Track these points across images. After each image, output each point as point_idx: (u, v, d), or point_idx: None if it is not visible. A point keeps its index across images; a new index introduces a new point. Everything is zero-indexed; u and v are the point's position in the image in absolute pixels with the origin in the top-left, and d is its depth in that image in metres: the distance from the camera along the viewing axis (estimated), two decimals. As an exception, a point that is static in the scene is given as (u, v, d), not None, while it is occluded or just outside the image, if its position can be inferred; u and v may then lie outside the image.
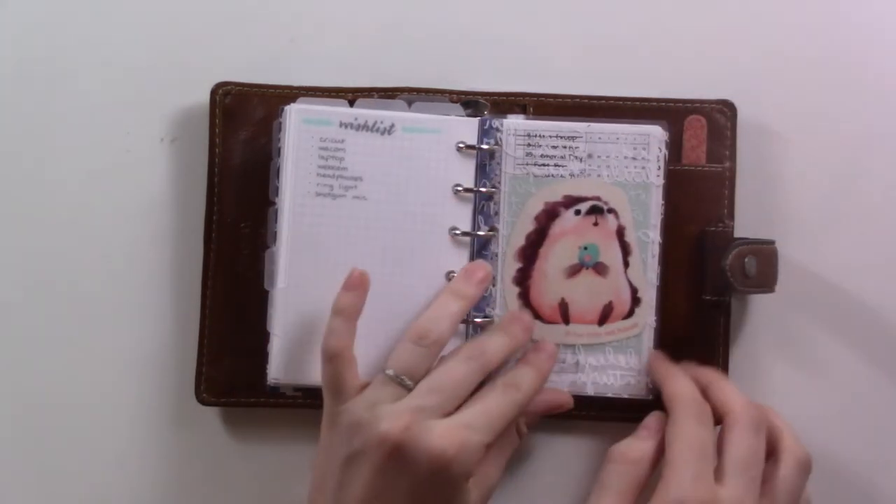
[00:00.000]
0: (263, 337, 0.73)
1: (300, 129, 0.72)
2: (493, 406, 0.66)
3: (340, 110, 0.73)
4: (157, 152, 0.78)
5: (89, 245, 0.77)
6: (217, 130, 0.76)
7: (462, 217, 0.74)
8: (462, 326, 0.73)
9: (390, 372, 0.67)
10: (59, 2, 0.79)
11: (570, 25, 0.79)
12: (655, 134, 0.74)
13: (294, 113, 0.73)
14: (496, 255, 0.74)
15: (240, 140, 0.75)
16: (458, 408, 0.66)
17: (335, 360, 0.67)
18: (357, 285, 0.68)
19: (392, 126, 0.73)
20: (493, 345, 0.69)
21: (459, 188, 0.74)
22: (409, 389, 0.66)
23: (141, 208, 0.77)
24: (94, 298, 0.77)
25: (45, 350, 0.77)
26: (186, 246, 0.77)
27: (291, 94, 0.75)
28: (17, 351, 0.77)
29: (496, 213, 0.74)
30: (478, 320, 0.73)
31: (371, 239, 0.73)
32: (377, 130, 0.73)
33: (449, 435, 0.64)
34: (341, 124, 0.72)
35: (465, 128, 0.74)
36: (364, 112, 0.73)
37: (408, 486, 0.64)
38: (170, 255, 0.77)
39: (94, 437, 0.77)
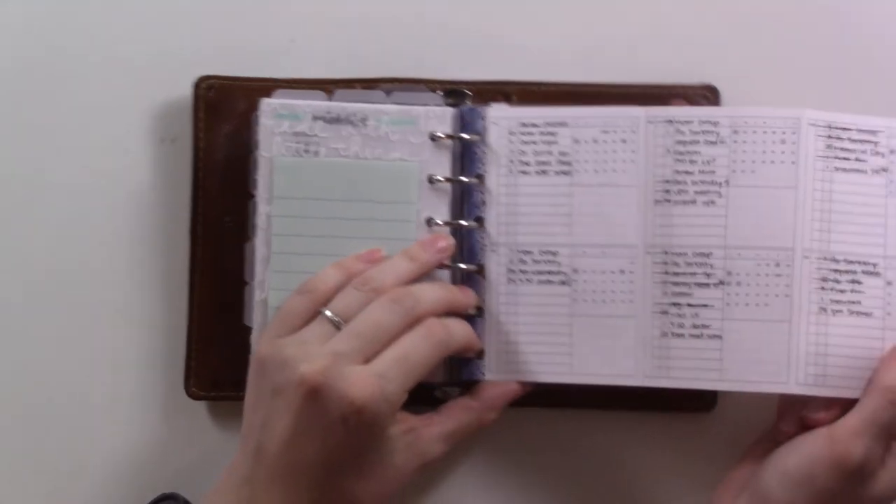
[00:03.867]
0: (250, 330, 0.73)
1: (273, 123, 0.72)
2: (411, 351, 0.67)
3: (313, 104, 0.73)
4: (142, 146, 0.79)
5: (76, 241, 0.78)
6: (200, 124, 0.76)
7: (439, 208, 0.73)
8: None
9: (327, 312, 0.67)
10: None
11: (554, 13, 0.78)
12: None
13: (266, 107, 0.73)
14: (485, 246, 0.73)
15: (223, 133, 0.76)
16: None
17: None
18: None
19: (365, 118, 0.72)
20: (425, 291, 0.69)
21: (435, 179, 0.72)
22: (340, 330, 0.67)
23: (128, 203, 0.78)
24: (83, 294, 0.78)
25: (35, 345, 0.78)
26: (174, 240, 0.77)
27: (274, 86, 0.75)
28: (7, 346, 0.79)
29: (484, 203, 0.73)
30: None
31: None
32: (350, 123, 0.72)
33: (360, 383, 0.64)
34: (314, 118, 0.72)
35: (440, 118, 0.73)
36: (336, 105, 0.73)
37: (321, 431, 0.64)
38: (158, 249, 0.78)
39: (84, 430, 0.78)
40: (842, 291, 0.69)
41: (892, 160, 0.70)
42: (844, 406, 0.68)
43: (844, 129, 0.69)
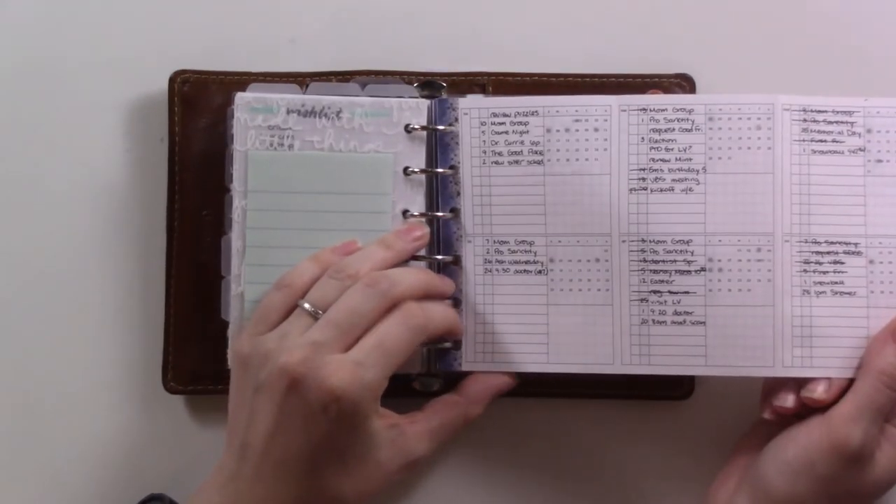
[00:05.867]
0: (226, 324, 0.73)
1: (247, 116, 0.72)
2: (387, 337, 0.66)
3: (287, 97, 0.73)
4: (118, 140, 0.79)
5: (52, 237, 0.78)
6: (176, 118, 0.76)
7: (414, 199, 0.73)
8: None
9: (305, 304, 0.67)
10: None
11: (529, 4, 0.79)
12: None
13: (240, 101, 0.73)
14: (460, 237, 0.73)
15: (199, 127, 0.76)
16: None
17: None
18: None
19: (339, 111, 0.72)
20: (401, 274, 0.69)
21: (410, 170, 0.72)
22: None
23: (105, 198, 0.78)
24: (60, 290, 0.78)
25: (10, 340, 0.79)
26: (152, 235, 0.77)
27: (248, 79, 0.76)
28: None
29: (458, 194, 0.73)
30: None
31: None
32: (324, 116, 0.72)
33: (339, 372, 0.64)
34: (288, 111, 0.72)
35: (415, 109, 0.73)
36: (310, 98, 0.73)
37: (304, 423, 0.64)
38: (136, 244, 0.78)
39: (61, 426, 0.78)
40: (824, 273, 0.69)
41: (869, 139, 0.70)
42: (843, 388, 0.68)
43: (820, 111, 0.70)
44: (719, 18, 0.78)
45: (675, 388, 0.76)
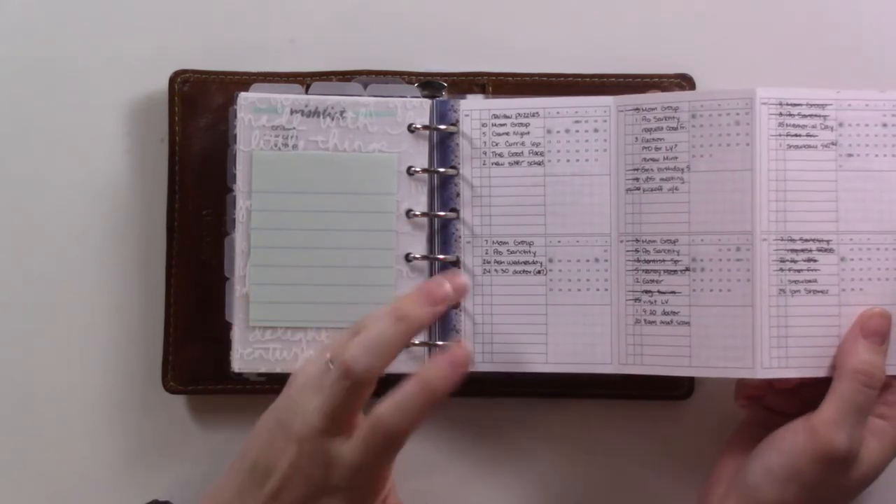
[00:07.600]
0: (227, 324, 0.73)
1: (251, 116, 0.72)
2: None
3: (290, 97, 0.73)
4: (118, 140, 0.79)
5: (52, 237, 0.78)
6: (176, 118, 0.76)
7: (417, 199, 0.73)
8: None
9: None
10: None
11: (530, 5, 0.79)
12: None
13: (244, 101, 0.73)
14: (459, 238, 0.73)
15: (199, 127, 0.76)
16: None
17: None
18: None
19: (343, 111, 0.73)
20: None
21: (414, 170, 0.73)
22: None
23: (105, 198, 0.78)
24: (59, 289, 0.78)
25: (10, 340, 0.79)
26: (152, 234, 0.77)
27: (249, 80, 0.76)
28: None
29: (458, 195, 0.73)
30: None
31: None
32: (328, 116, 0.73)
33: None
34: (292, 111, 0.73)
35: (418, 109, 0.73)
36: (314, 98, 0.73)
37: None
38: (136, 243, 0.78)
39: (63, 425, 0.78)
40: (798, 271, 0.69)
41: (841, 133, 0.70)
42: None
43: (795, 104, 0.70)
44: (719, 18, 0.79)
45: (675, 388, 0.76)
